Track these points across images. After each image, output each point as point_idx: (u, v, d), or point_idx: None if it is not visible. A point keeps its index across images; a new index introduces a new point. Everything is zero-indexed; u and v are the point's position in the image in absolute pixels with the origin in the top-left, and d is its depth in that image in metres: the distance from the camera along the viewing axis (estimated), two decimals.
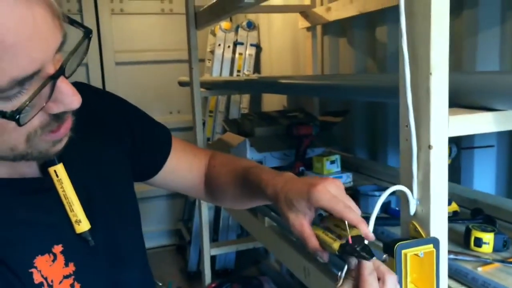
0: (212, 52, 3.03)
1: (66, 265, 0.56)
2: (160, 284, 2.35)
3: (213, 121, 3.03)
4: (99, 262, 0.61)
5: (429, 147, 0.62)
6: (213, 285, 2.34)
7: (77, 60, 0.51)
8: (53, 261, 0.55)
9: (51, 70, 0.47)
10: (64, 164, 0.60)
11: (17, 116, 0.45)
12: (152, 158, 0.80)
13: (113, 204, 0.67)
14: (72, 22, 0.50)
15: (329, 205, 0.60)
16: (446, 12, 0.59)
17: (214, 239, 2.91)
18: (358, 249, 0.57)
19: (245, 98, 3.00)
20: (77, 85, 0.60)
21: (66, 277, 0.56)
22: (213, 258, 2.88)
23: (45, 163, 0.59)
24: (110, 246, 0.64)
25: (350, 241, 0.59)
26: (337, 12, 1.87)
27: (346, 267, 0.60)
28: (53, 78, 0.47)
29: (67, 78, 0.49)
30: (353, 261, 0.59)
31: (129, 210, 0.72)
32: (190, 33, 2.00)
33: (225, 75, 2.96)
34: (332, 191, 0.62)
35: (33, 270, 0.53)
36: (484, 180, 1.33)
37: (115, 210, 0.67)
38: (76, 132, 0.59)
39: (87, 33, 0.51)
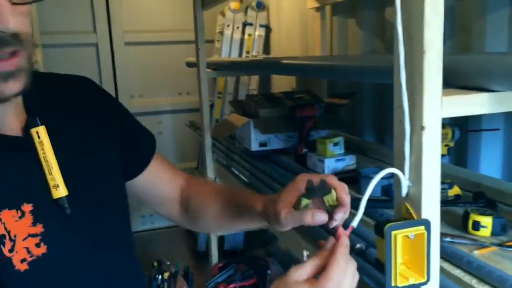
0: (221, 33, 3.01)
1: (34, 224, 0.57)
2: (168, 263, 2.38)
3: (222, 103, 3.02)
4: (74, 233, 0.62)
5: (422, 128, 0.61)
6: (219, 264, 2.37)
7: None
8: (20, 217, 0.56)
9: None
10: (49, 132, 0.61)
11: None
12: (137, 155, 0.82)
13: (97, 182, 0.68)
14: None
15: (312, 177, 0.66)
16: None
17: None
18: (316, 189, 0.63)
19: (254, 80, 2.98)
20: (80, 79, 0.62)
21: (32, 235, 0.57)
22: (222, 239, 2.91)
23: (28, 125, 0.60)
24: (89, 220, 0.65)
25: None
26: None
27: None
28: None
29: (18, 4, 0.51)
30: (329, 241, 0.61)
31: (113, 191, 0.72)
32: (196, 13, 1.98)
33: (234, 56, 2.94)
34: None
35: None
36: (490, 163, 1.32)
37: (97, 187, 0.68)
38: (68, 111, 0.61)
39: None
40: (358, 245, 0.62)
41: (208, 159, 2.12)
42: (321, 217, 0.63)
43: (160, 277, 2.23)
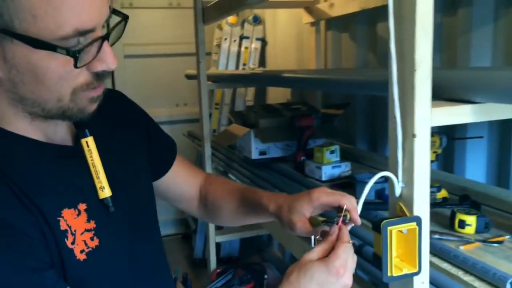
0: (219, 45, 3.10)
1: (88, 221, 0.66)
2: None
3: (219, 113, 3.11)
4: (118, 228, 0.71)
5: (413, 135, 0.69)
6: (218, 270, 2.43)
7: (115, 39, 0.63)
8: (78, 215, 0.65)
9: (100, 33, 0.59)
10: (95, 141, 0.70)
11: (77, 55, 0.57)
12: (162, 158, 0.92)
13: (132, 183, 0.77)
14: (114, 11, 0.63)
15: (327, 198, 0.75)
16: (430, 15, 0.66)
17: (219, 227, 3.00)
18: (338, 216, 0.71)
19: (250, 91, 3.06)
20: (113, 93, 0.71)
21: (87, 230, 0.65)
22: (218, 247, 2.96)
23: (78, 136, 0.70)
24: (128, 216, 0.74)
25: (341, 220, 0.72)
26: (340, 8, 1.93)
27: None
28: (103, 38, 0.59)
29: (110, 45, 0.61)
30: (334, 228, 0.70)
31: (146, 191, 0.81)
32: (197, 28, 2.07)
33: (231, 68, 3.03)
34: (327, 190, 0.77)
35: (60, 218, 0.63)
36: (475, 169, 1.40)
37: (134, 188, 0.77)
38: (108, 123, 0.73)
39: (125, 17, 0.64)
40: (351, 241, 0.71)
41: (207, 168, 2.20)
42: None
43: None
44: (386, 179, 0.76)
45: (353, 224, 0.74)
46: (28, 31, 0.55)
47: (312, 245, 0.70)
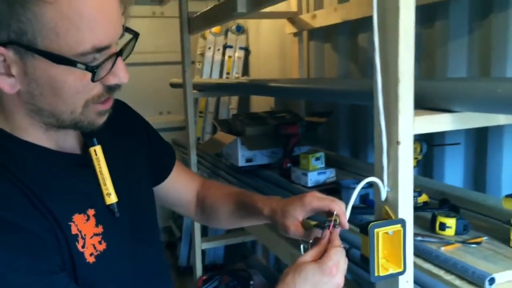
0: (202, 54, 3.13)
1: (97, 226, 0.69)
2: None
3: (203, 122, 3.13)
4: (123, 232, 0.74)
5: (397, 142, 0.73)
6: (204, 277, 2.44)
7: (126, 54, 0.67)
8: (87, 220, 0.68)
9: (115, 49, 0.63)
10: (102, 149, 0.73)
11: (95, 70, 0.61)
12: (162, 164, 0.95)
13: (135, 189, 0.80)
14: (126, 29, 0.66)
15: (319, 203, 0.80)
16: (412, 28, 0.71)
17: (204, 234, 3.02)
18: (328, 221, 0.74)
19: (234, 99, 3.10)
20: (118, 103, 0.76)
21: (96, 234, 0.69)
22: (202, 254, 2.98)
23: (86, 144, 0.73)
24: (132, 221, 0.77)
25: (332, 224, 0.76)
26: (322, 19, 1.99)
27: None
28: (117, 54, 0.63)
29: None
30: (326, 232, 0.74)
31: (147, 196, 0.85)
32: (183, 38, 2.10)
33: (215, 77, 3.06)
34: (318, 195, 0.81)
35: (71, 223, 0.66)
36: (454, 174, 1.46)
37: (136, 193, 0.80)
38: (113, 131, 0.76)
39: (136, 35, 0.68)
40: (342, 246, 0.75)
41: None
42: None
43: None
44: (370, 185, 0.80)
45: (341, 228, 0.79)
46: (50, 48, 0.58)
47: (302, 252, 0.74)
